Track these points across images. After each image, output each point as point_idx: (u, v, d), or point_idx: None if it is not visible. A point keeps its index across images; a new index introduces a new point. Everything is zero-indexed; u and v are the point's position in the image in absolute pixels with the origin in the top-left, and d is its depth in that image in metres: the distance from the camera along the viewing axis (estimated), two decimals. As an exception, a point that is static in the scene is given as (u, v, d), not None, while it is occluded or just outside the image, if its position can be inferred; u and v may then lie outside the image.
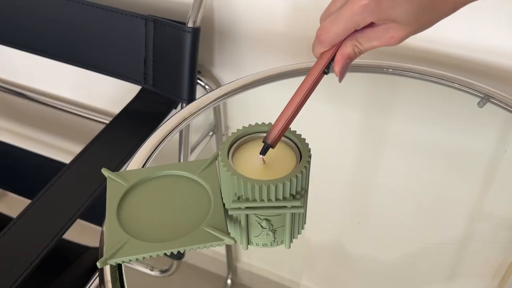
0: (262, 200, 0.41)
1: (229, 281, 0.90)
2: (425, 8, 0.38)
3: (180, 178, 0.47)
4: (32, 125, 1.25)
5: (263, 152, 0.43)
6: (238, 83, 0.69)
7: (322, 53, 0.42)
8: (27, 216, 0.67)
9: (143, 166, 0.57)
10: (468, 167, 0.69)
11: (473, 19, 0.69)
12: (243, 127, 0.45)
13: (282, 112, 0.42)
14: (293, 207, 0.42)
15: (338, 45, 0.41)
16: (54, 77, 1.11)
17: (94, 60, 0.86)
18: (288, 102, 0.42)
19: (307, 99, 0.42)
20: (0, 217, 0.92)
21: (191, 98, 0.80)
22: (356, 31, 0.40)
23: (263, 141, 0.42)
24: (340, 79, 0.42)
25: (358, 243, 0.68)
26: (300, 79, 0.42)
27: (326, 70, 0.42)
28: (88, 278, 0.72)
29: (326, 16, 0.41)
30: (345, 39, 0.41)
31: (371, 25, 0.39)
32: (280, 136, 0.42)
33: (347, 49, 0.41)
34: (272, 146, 0.42)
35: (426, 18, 0.38)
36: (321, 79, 0.42)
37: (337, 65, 0.41)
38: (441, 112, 0.73)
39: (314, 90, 0.42)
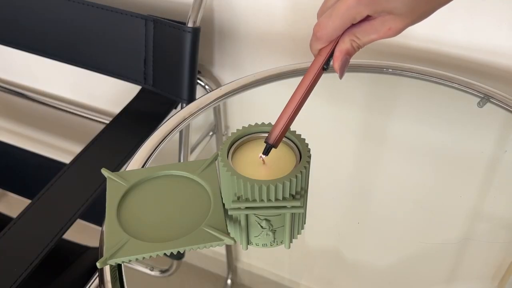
0: (262, 200, 0.41)
1: (229, 281, 0.91)
2: None
3: (180, 178, 0.47)
4: (32, 125, 1.25)
5: (266, 152, 0.42)
6: (238, 83, 0.69)
7: (321, 50, 0.41)
8: (27, 216, 0.67)
9: (143, 166, 0.57)
10: (468, 167, 0.69)
11: (473, 19, 0.69)
12: (243, 127, 0.45)
13: (282, 111, 0.42)
14: (293, 207, 0.42)
15: (336, 41, 0.41)
16: (54, 77, 1.12)
17: (94, 60, 0.86)
18: (289, 101, 0.42)
19: (308, 97, 0.42)
20: (0, 217, 0.92)
21: (191, 98, 0.80)
22: (353, 25, 0.39)
23: (265, 141, 0.42)
24: (341, 76, 0.42)
25: (358, 243, 0.68)
26: (300, 79, 0.42)
27: (325, 66, 0.41)
28: (88, 278, 0.72)
29: (322, 12, 0.41)
30: (342, 34, 0.40)
31: (367, 18, 0.39)
32: (282, 135, 0.42)
33: (345, 44, 0.40)
34: (275, 146, 0.42)
35: (422, 9, 0.38)
36: (320, 76, 0.42)
37: (336, 62, 0.41)
38: (441, 112, 0.73)
39: (314, 88, 0.42)
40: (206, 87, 0.90)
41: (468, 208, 0.66)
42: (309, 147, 0.43)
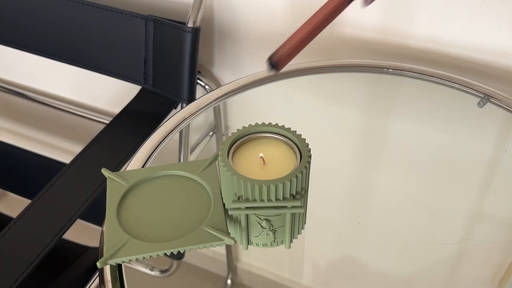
0: (262, 200, 0.41)
1: (229, 281, 0.90)
2: None
3: (180, 178, 0.47)
4: (32, 125, 1.25)
5: (268, 71, 0.36)
6: (238, 83, 0.69)
7: None
8: (27, 216, 0.67)
9: (143, 166, 0.57)
10: (468, 167, 0.69)
11: (473, 19, 0.69)
12: (243, 127, 0.45)
13: (296, 31, 0.35)
14: (293, 207, 0.42)
15: None
16: (54, 77, 1.11)
17: (94, 60, 0.86)
18: (305, 22, 0.35)
19: (327, 23, 0.36)
20: (0, 217, 0.92)
21: (191, 98, 0.80)
22: None
23: (268, 59, 0.35)
24: (364, 4, 0.36)
25: (358, 243, 0.68)
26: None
27: None
28: (88, 278, 0.72)
29: None
30: None
31: None
32: (288, 57, 0.35)
33: None
34: (277, 66, 0.35)
35: None
36: (345, 6, 0.36)
37: None
38: (441, 112, 0.73)
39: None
40: (206, 87, 0.90)
41: (468, 208, 0.66)
42: (309, 147, 0.43)
